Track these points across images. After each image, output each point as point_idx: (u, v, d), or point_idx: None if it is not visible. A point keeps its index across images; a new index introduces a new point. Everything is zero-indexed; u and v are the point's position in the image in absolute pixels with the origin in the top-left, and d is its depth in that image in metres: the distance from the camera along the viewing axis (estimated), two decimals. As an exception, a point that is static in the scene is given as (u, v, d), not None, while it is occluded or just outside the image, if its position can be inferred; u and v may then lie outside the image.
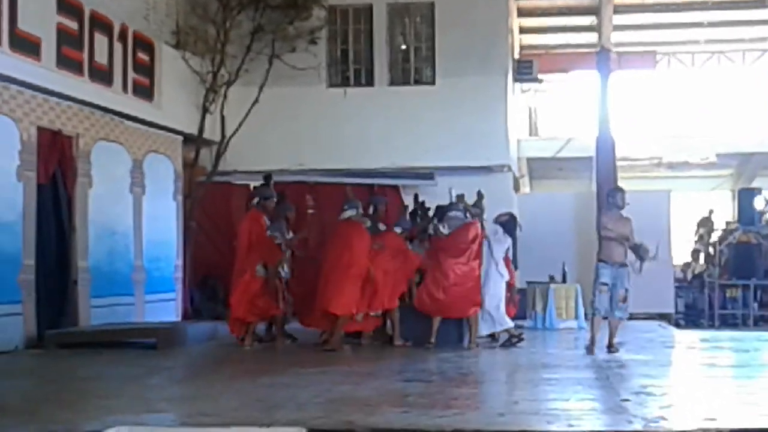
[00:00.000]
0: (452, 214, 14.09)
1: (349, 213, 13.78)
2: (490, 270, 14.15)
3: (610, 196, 13.70)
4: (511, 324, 14.35)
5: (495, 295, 14.13)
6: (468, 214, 14.20)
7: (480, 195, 15.65)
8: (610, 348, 12.90)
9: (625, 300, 13.13)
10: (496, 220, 15.07)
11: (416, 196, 18.01)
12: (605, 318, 13.13)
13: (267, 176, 16.16)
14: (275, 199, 14.63)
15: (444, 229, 13.91)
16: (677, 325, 21.01)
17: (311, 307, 13.84)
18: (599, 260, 13.21)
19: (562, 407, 8.27)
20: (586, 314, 13.27)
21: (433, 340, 13.75)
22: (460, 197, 15.00)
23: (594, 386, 9.97)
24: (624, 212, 13.46)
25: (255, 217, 14.28)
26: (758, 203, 24.41)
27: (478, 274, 13.91)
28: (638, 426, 7.34)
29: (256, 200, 14.68)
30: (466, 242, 13.85)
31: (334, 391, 9.25)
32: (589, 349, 12.94)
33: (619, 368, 11.41)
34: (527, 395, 9.34)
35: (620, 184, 21.63)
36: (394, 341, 14.07)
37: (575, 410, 8.15)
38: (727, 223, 26.41)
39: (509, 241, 14.76)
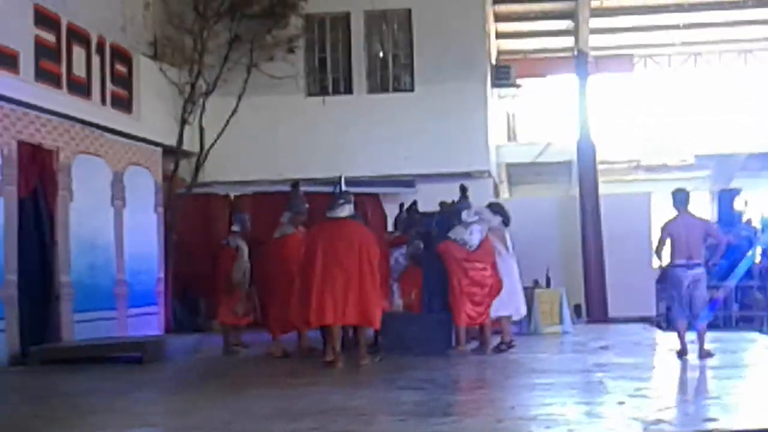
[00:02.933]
0: (471, 222, 13.86)
1: (348, 210, 12.62)
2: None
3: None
4: (523, 313, 14.62)
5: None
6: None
7: (463, 189, 15.08)
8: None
9: None
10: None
11: (401, 206, 17.50)
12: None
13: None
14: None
15: (473, 239, 13.78)
16: (659, 327, 20.98)
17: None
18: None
19: (560, 412, 8.20)
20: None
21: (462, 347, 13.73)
22: (444, 204, 14.90)
23: (588, 390, 9.91)
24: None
25: None
26: (738, 204, 24.50)
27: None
28: (638, 429, 7.29)
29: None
30: (491, 253, 13.81)
31: (326, 402, 9.13)
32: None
33: (611, 372, 11.35)
34: (523, 400, 9.27)
35: (600, 187, 21.78)
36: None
37: (573, 415, 8.09)
38: (706, 225, 26.42)
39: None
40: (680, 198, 12.92)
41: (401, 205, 17.22)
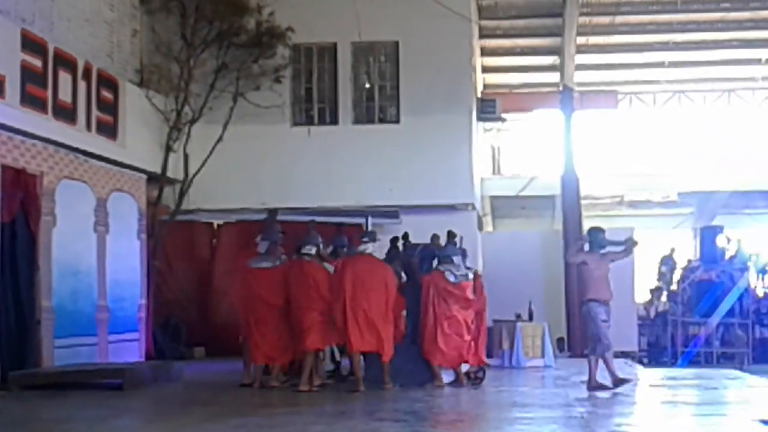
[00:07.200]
0: (456, 260, 13.97)
1: (308, 250, 13.35)
2: None
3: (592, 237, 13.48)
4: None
5: None
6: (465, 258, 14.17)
7: (452, 235, 15.28)
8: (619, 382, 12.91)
9: None
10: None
11: (405, 235, 17.50)
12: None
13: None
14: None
15: (452, 277, 13.81)
16: (641, 363, 21.02)
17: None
18: (592, 300, 13.04)
19: (541, 446, 8.18)
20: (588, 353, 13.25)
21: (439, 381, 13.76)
22: (435, 237, 14.95)
23: (569, 425, 9.89)
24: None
25: None
26: (720, 241, 24.64)
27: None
28: (619, 465, 7.28)
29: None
30: (471, 295, 13.90)
31: (308, 432, 9.11)
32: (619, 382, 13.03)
33: (592, 407, 11.35)
34: (504, 435, 9.26)
35: (583, 222, 21.85)
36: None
37: (554, 449, 8.07)
38: (688, 261, 26.57)
39: None
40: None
41: (393, 239, 17.21)
